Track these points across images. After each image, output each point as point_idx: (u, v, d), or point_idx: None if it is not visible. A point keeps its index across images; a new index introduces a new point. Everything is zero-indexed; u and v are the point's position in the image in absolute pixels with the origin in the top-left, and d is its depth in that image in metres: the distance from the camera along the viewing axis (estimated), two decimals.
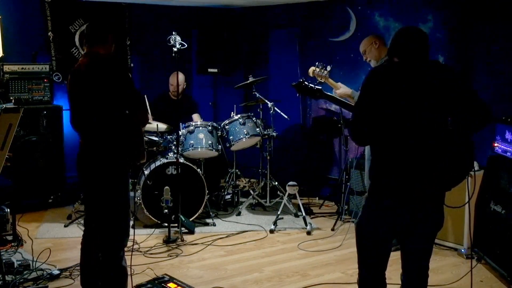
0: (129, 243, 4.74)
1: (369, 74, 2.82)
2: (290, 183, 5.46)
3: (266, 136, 5.93)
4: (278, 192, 5.98)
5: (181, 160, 5.14)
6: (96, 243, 3.53)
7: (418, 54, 2.78)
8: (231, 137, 5.72)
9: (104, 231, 3.47)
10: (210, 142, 5.57)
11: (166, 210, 4.97)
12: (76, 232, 5.12)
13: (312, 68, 4.83)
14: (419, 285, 3.02)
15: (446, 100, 2.72)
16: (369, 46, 4.84)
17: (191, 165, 5.34)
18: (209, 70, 6.96)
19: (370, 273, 3.02)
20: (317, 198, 6.53)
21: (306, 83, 3.37)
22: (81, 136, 3.47)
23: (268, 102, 5.95)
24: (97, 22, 3.50)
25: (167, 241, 4.89)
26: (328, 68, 4.78)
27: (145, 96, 5.22)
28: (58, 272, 4.10)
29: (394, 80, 2.74)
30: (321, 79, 4.80)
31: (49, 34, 6.22)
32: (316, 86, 3.38)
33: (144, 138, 5.32)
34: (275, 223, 5.38)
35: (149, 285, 3.89)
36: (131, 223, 5.17)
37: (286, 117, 6.05)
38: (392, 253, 4.68)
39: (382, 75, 2.78)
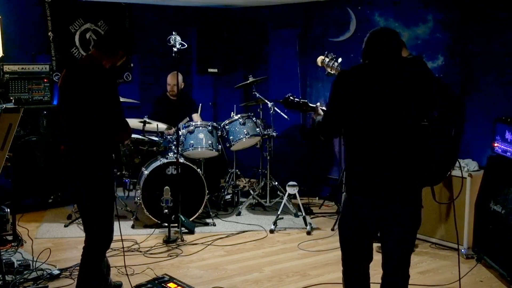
0: (129, 243, 4.79)
1: (337, 75, 2.87)
2: (290, 183, 5.46)
3: (266, 136, 5.92)
4: (278, 192, 5.97)
5: (181, 160, 5.14)
6: None
7: (386, 55, 2.81)
8: (231, 137, 5.72)
9: (87, 232, 3.44)
10: (210, 142, 5.57)
11: (166, 210, 4.97)
12: (76, 232, 5.12)
13: (321, 57, 4.46)
14: (398, 284, 2.98)
15: (418, 97, 2.75)
16: None
17: (191, 165, 5.34)
18: (209, 70, 6.96)
19: (352, 270, 3.03)
20: (317, 198, 6.53)
21: (291, 98, 3.39)
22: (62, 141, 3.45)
23: (268, 102, 5.95)
24: (115, 33, 3.43)
25: (167, 241, 4.89)
26: (340, 60, 4.39)
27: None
28: (58, 272, 4.09)
29: (363, 80, 2.78)
30: (330, 70, 4.43)
31: (49, 34, 6.22)
32: (301, 100, 3.39)
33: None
34: (275, 223, 5.38)
35: (149, 285, 3.89)
36: (132, 223, 5.24)
37: (286, 117, 6.05)
38: None
39: (351, 76, 2.83)
